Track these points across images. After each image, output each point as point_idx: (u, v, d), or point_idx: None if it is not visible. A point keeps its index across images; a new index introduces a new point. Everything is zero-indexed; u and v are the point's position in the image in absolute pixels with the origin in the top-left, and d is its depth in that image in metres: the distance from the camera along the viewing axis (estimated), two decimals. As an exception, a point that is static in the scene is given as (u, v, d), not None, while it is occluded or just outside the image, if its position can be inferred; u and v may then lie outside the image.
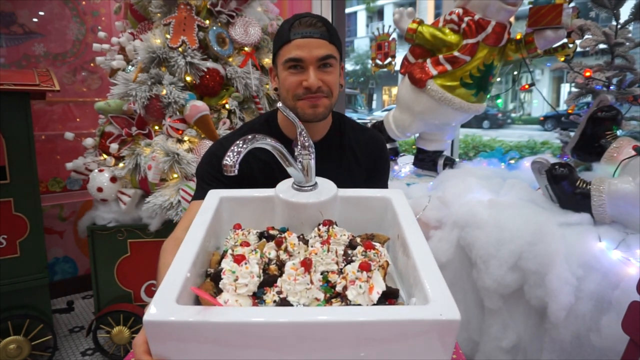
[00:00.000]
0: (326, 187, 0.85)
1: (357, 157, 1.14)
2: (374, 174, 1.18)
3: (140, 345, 0.61)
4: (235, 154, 0.70)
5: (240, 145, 0.72)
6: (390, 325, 0.53)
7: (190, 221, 0.98)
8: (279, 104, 0.88)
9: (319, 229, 0.77)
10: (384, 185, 1.23)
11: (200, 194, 1.06)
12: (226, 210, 0.84)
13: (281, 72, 1.00)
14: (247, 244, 0.72)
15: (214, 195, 0.84)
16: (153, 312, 0.53)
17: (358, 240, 0.77)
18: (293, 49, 0.95)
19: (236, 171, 0.70)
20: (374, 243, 0.72)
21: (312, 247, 0.73)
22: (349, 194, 0.87)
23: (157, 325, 0.53)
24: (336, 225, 0.79)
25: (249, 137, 0.73)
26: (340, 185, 1.10)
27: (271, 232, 0.80)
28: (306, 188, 0.83)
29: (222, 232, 0.83)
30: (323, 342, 0.54)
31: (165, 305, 0.54)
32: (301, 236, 0.78)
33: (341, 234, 0.75)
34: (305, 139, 0.83)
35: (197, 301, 0.64)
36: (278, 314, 0.55)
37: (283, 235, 0.76)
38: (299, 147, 0.82)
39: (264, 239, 0.77)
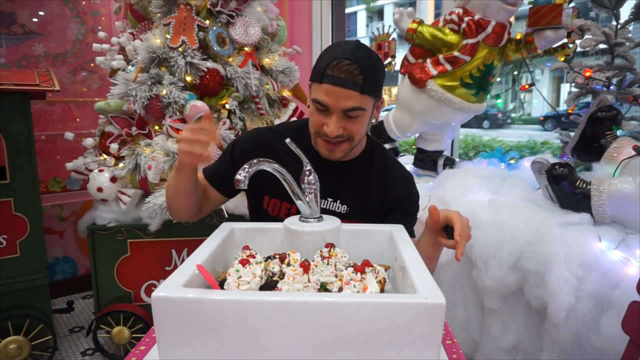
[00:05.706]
0: (330, 220, 0.91)
1: (379, 192, 1.10)
2: (396, 212, 1.11)
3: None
4: (246, 172, 0.79)
5: (254, 163, 0.81)
6: (383, 307, 0.58)
7: None
8: (287, 140, 0.90)
9: (321, 251, 0.79)
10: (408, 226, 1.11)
11: (211, 167, 1.14)
12: (236, 239, 0.91)
13: (311, 102, 0.99)
14: (253, 257, 0.74)
15: (225, 227, 0.90)
16: (161, 289, 0.60)
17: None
18: (322, 92, 0.93)
19: (246, 186, 0.79)
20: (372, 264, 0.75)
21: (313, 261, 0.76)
22: (352, 227, 0.92)
23: (163, 301, 0.59)
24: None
25: (255, 161, 0.82)
26: (354, 211, 1.10)
27: (277, 256, 0.82)
28: (311, 220, 0.89)
29: (231, 258, 0.87)
30: (320, 323, 0.58)
31: (172, 286, 0.61)
32: (305, 260, 0.80)
33: (342, 254, 0.78)
34: (311, 176, 0.89)
35: None
36: (274, 294, 0.61)
37: (287, 253, 0.79)
38: (305, 182, 0.89)
39: (269, 260, 0.79)
